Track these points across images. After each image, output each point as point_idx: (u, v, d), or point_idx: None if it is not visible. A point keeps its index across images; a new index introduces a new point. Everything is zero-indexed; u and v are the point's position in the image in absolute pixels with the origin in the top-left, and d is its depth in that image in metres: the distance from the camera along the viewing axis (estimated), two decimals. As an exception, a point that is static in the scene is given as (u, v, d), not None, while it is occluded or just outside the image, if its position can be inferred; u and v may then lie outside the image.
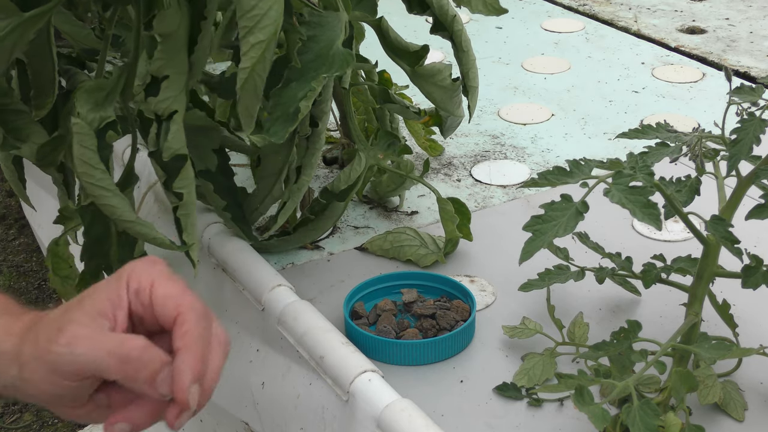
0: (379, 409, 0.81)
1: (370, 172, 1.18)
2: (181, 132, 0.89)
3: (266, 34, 0.82)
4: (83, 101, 0.87)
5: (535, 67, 1.70)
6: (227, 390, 1.03)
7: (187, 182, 0.91)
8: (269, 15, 0.81)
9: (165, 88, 0.87)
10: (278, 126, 0.85)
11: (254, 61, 0.82)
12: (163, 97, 0.87)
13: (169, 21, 0.84)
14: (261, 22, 0.81)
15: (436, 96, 1.15)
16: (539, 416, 0.87)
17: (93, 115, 0.87)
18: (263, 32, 0.82)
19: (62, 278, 1.17)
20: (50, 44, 0.95)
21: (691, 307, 0.87)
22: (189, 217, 0.93)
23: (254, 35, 0.81)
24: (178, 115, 0.88)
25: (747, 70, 1.65)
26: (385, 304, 1.00)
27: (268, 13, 0.81)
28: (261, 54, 0.82)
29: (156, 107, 0.87)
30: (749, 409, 0.86)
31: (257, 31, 0.81)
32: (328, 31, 0.89)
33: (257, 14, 0.81)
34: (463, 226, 1.11)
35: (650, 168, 0.81)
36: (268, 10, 0.81)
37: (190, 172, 0.91)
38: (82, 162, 0.87)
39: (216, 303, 1.07)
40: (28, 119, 0.99)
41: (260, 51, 0.82)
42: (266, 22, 0.81)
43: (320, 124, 1.02)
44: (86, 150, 0.87)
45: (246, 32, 0.81)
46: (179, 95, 0.88)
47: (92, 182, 0.88)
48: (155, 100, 0.87)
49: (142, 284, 0.66)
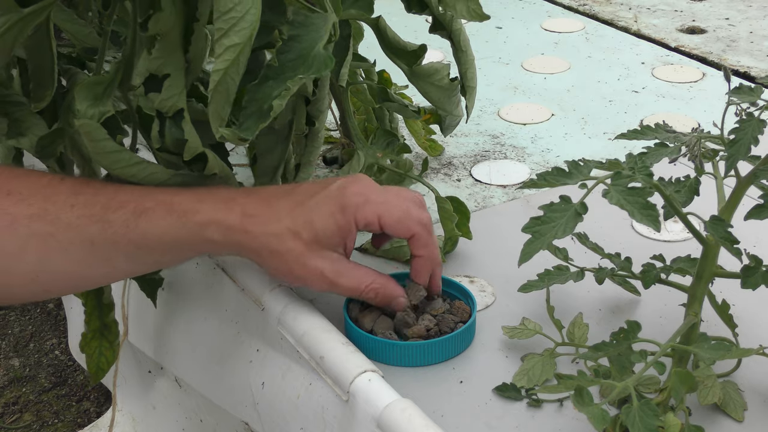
0: (379, 409, 0.81)
1: (369, 171, 1.18)
2: (193, 130, 0.89)
3: (242, 37, 0.81)
4: (82, 97, 0.87)
5: (535, 67, 1.70)
6: (227, 390, 1.04)
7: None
8: (246, 18, 0.81)
9: (168, 87, 0.87)
10: (250, 122, 0.85)
11: (228, 63, 0.82)
12: (167, 95, 0.87)
13: (163, 22, 0.84)
14: (237, 24, 0.81)
15: (433, 95, 1.15)
16: (539, 417, 0.87)
17: (93, 111, 0.87)
18: (239, 35, 0.81)
19: None
20: (50, 38, 0.95)
21: (691, 307, 0.87)
22: None
23: (229, 38, 0.81)
24: (186, 113, 0.88)
25: (747, 70, 1.65)
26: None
27: (245, 16, 0.81)
28: (235, 57, 0.82)
29: (160, 105, 0.87)
30: (749, 409, 0.86)
31: (233, 33, 0.81)
32: (312, 32, 0.89)
33: (234, 17, 0.81)
34: (462, 225, 1.11)
35: (649, 168, 0.81)
36: (245, 14, 0.81)
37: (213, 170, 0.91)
38: (102, 154, 0.87)
39: (216, 303, 1.08)
40: (27, 111, 0.99)
41: (234, 54, 0.82)
42: (242, 25, 0.81)
43: (317, 123, 1.02)
44: (99, 142, 0.86)
45: (221, 34, 0.81)
46: (181, 93, 0.88)
47: (122, 166, 0.88)
48: (159, 98, 0.87)
49: (369, 219, 0.88)
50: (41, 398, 1.67)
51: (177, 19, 0.85)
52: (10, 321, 1.88)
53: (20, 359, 1.79)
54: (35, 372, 1.74)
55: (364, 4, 1.02)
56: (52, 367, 1.75)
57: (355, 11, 1.02)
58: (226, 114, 0.86)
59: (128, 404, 1.37)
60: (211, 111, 0.85)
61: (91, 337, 1.11)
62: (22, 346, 1.82)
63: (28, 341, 1.83)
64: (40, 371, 1.75)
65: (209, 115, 0.85)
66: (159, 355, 1.21)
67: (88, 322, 1.10)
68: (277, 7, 0.89)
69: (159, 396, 1.27)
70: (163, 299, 1.13)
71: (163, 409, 1.27)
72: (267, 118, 0.84)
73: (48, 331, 1.85)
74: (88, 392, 1.67)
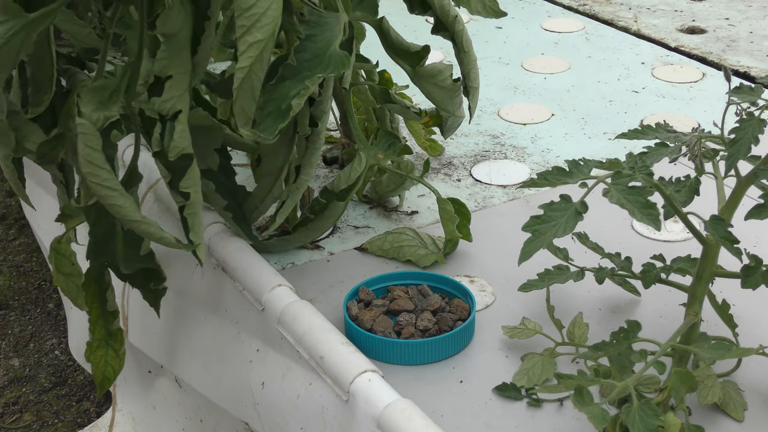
0: (379, 409, 0.81)
1: (370, 171, 1.18)
2: (186, 131, 0.89)
3: (264, 33, 0.81)
4: (87, 101, 0.87)
5: (535, 67, 1.70)
6: (227, 390, 1.04)
7: (194, 182, 0.91)
8: (268, 14, 0.81)
9: (169, 88, 0.87)
10: (269, 122, 0.85)
11: (252, 60, 0.82)
12: (167, 97, 0.87)
13: (172, 21, 0.84)
14: (259, 21, 0.81)
15: (436, 96, 1.15)
16: (539, 416, 0.87)
17: (97, 115, 0.87)
18: (261, 31, 0.81)
19: (66, 275, 1.17)
20: (49, 41, 0.95)
21: (691, 307, 0.87)
22: (195, 217, 0.93)
23: (252, 34, 0.81)
24: (183, 114, 0.88)
25: (747, 70, 1.65)
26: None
27: (266, 12, 0.81)
28: (259, 53, 0.82)
29: (160, 107, 0.87)
30: (749, 409, 0.86)
31: (255, 30, 0.81)
32: (327, 32, 0.89)
33: (256, 13, 0.81)
34: (462, 227, 1.12)
35: (649, 168, 0.81)
36: (267, 9, 0.81)
37: (196, 172, 0.91)
38: (87, 162, 0.87)
39: (216, 303, 1.08)
40: (21, 119, 0.99)
41: (258, 50, 0.82)
42: (264, 22, 0.81)
43: (320, 124, 1.02)
44: (92, 150, 0.86)
45: (244, 31, 0.81)
46: (183, 95, 0.88)
47: (98, 182, 0.88)
48: (159, 100, 0.87)
49: None
50: (41, 398, 1.68)
51: (186, 19, 0.85)
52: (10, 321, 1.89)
53: (20, 359, 1.79)
54: (35, 372, 1.74)
55: (368, 6, 1.02)
56: (52, 367, 1.75)
57: (360, 13, 1.02)
58: (252, 110, 0.86)
59: (128, 404, 1.37)
60: (236, 109, 0.85)
61: (96, 346, 1.10)
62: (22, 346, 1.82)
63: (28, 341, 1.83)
64: (40, 371, 1.75)
65: (234, 114, 0.85)
66: (159, 355, 1.21)
67: (93, 331, 1.09)
68: (286, 7, 0.89)
69: (159, 396, 1.27)
70: (163, 299, 1.13)
71: (163, 409, 1.27)
72: (286, 118, 0.84)
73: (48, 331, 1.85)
74: (88, 392, 1.67)
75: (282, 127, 0.84)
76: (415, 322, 0.97)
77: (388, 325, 0.96)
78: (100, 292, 1.06)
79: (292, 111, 0.83)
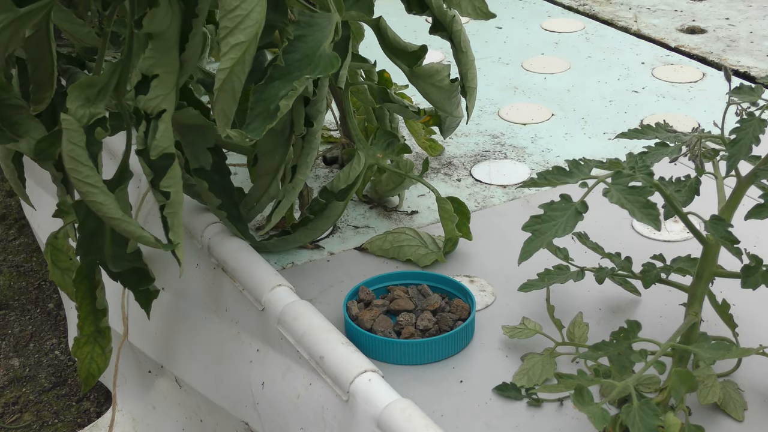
0: (379, 409, 0.81)
1: (369, 171, 1.18)
2: (169, 131, 0.88)
3: (247, 35, 0.81)
4: (74, 97, 0.86)
5: (535, 67, 1.70)
6: (227, 390, 1.04)
7: (174, 181, 0.91)
8: (251, 16, 0.81)
9: (155, 87, 0.87)
10: (257, 122, 0.85)
11: (233, 62, 0.82)
12: (152, 96, 0.87)
13: (159, 20, 0.83)
14: (242, 23, 0.81)
15: (434, 96, 1.15)
16: (539, 416, 0.87)
17: (83, 111, 0.87)
18: (244, 33, 0.81)
19: (62, 270, 1.17)
20: (49, 40, 0.95)
21: (691, 307, 0.87)
22: (176, 216, 0.92)
23: (235, 36, 0.81)
24: (167, 114, 0.88)
25: (747, 70, 1.65)
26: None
27: (250, 14, 0.81)
28: (241, 55, 0.82)
29: (145, 105, 0.87)
30: (749, 409, 0.86)
31: (238, 32, 0.81)
32: (317, 32, 0.89)
33: (239, 15, 0.80)
34: (462, 226, 1.11)
35: (649, 168, 0.81)
36: (251, 12, 0.80)
37: (177, 171, 0.91)
38: (70, 158, 0.87)
39: (216, 303, 1.08)
40: (26, 114, 0.99)
41: (240, 52, 0.81)
42: (248, 24, 0.81)
43: (315, 124, 1.02)
44: (75, 146, 0.86)
45: (227, 33, 0.81)
46: (169, 94, 0.88)
47: (80, 178, 0.88)
48: (144, 99, 0.87)
49: None
50: (41, 398, 1.68)
51: (174, 17, 0.85)
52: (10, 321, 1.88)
53: (20, 359, 1.79)
54: (35, 372, 1.74)
55: (364, 5, 1.02)
56: (52, 367, 1.75)
57: (355, 12, 1.02)
58: (232, 112, 0.86)
59: (128, 404, 1.37)
60: (216, 110, 0.85)
61: (84, 342, 1.10)
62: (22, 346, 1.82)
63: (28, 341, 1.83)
64: (40, 371, 1.75)
65: (215, 115, 0.85)
66: (159, 355, 1.21)
67: (82, 327, 1.10)
68: (279, 7, 0.89)
69: (159, 396, 1.27)
70: (162, 299, 1.13)
71: (163, 409, 1.26)
72: (274, 119, 0.84)
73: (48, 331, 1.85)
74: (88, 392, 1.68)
75: (270, 128, 0.84)
76: (415, 322, 0.97)
77: (388, 325, 0.96)
78: (91, 288, 1.06)
79: (280, 112, 0.83)
